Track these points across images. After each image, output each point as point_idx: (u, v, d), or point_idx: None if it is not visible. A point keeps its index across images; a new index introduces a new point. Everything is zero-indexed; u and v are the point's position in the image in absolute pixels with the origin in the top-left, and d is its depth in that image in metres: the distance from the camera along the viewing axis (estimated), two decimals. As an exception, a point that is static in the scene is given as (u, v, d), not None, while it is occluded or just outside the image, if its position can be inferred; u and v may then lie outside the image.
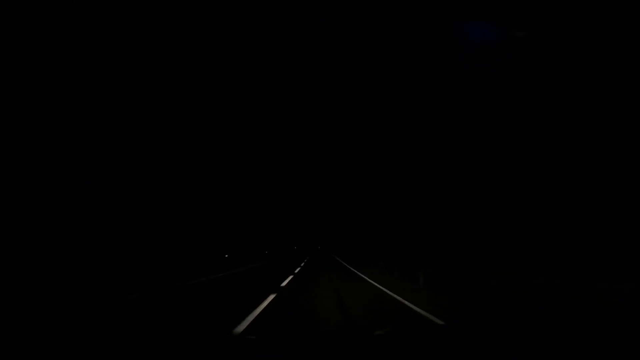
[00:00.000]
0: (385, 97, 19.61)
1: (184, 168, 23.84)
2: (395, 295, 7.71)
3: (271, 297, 7.10)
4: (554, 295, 6.20)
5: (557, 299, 6.01)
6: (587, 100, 10.15)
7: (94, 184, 16.55)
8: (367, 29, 14.29)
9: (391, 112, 20.52)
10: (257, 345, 1.88)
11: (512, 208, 13.83)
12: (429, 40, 13.25)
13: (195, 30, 15.77)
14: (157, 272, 14.24)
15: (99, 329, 4.36)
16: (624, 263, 9.03)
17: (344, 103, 23.25)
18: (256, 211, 48.40)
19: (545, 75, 11.07)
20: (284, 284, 10.11)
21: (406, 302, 6.75)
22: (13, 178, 13.34)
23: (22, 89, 13.84)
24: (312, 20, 14.65)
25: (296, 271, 15.80)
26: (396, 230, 27.85)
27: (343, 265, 21.37)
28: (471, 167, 15.83)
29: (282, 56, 18.03)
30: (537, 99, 11.75)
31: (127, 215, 18.78)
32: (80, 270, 13.20)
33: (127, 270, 14.50)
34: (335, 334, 2.84)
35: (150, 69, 17.33)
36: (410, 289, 9.04)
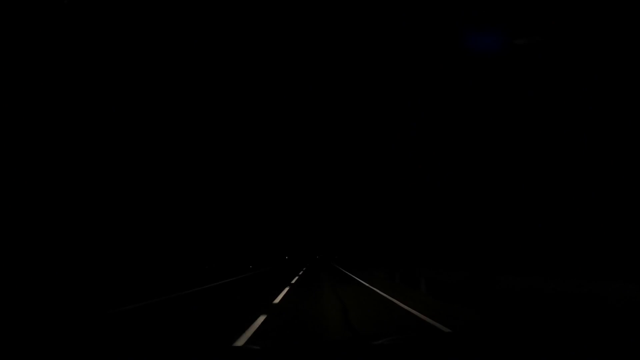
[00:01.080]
0: (385, 100, 19.60)
1: (182, 168, 23.77)
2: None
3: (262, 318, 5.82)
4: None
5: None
6: (587, 101, 10.12)
7: (94, 184, 16.48)
8: (366, 31, 14.27)
9: (391, 113, 20.49)
10: (260, 355, 1.81)
11: (514, 209, 13.78)
12: (427, 43, 13.24)
13: (195, 31, 15.74)
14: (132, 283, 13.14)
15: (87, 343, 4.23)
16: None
17: (344, 104, 23.21)
18: (246, 215, 43.33)
19: (546, 75, 11.05)
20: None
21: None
22: (12, 178, 13.26)
23: (22, 88, 13.78)
24: (312, 21, 14.62)
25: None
26: (404, 234, 27.00)
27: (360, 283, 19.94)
28: (471, 167, 15.82)
29: (282, 58, 18.00)
30: (538, 99, 11.72)
31: (120, 214, 18.68)
32: (73, 273, 13.12)
33: (114, 272, 14.33)
34: (335, 344, 2.74)
35: (150, 69, 17.28)
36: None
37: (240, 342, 4.15)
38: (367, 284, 12.99)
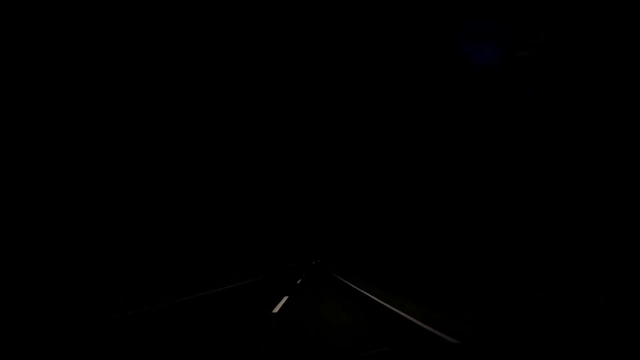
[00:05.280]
0: (385, 100, 19.57)
1: (178, 169, 23.73)
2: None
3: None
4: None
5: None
6: (587, 102, 10.10)
7: (92, 183, 16.47)
8: (366, 31, 14.25)
9: (391, 114, 20.45)
10: None
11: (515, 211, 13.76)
12: (427, 43, 13.22)
13: (195, 30, 15.73)
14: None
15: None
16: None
17: (343, 105, 23.16)
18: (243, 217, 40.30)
19: (546, 75, 11.03)
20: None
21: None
22: (10, 177, 13.25)
23: (21, 88, 13.77)
24: (312, 20, 14.61)
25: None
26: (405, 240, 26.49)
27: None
28: (471, 168, 15.80)
29: (281, 58, 17.98)
30: (538, 99, 11.70)
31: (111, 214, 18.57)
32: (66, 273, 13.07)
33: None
34: (323, 357, 2.66)
35: (150, 69, 17.27)
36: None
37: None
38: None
